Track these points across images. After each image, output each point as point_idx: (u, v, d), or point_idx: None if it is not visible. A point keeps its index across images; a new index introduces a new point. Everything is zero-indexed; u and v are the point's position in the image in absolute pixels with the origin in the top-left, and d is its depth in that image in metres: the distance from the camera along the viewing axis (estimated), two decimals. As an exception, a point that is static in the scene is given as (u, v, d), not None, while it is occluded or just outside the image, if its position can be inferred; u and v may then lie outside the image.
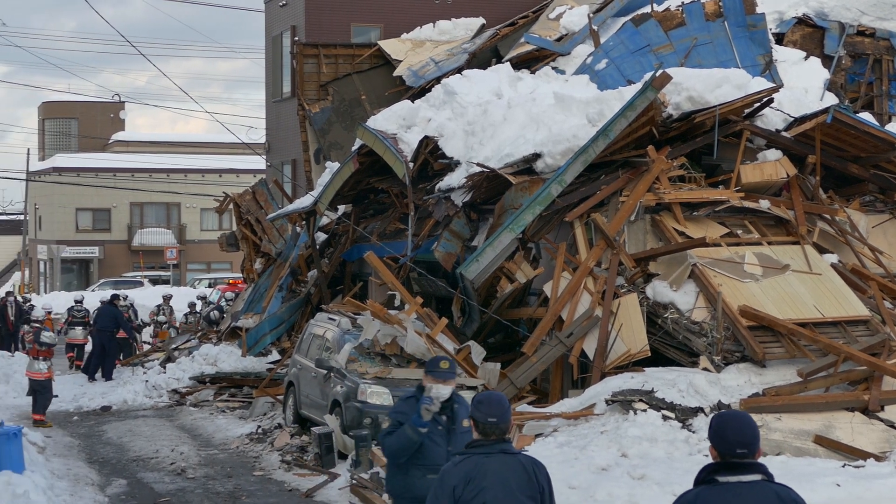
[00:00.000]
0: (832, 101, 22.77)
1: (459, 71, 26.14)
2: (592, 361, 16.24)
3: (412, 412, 8.92)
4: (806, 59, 24.79)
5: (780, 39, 25.55)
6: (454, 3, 33.37)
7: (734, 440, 5.74)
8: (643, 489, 12.18)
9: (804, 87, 23.26)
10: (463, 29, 32.17)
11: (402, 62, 30.63)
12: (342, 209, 25.96)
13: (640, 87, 18.44)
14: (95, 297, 38.38)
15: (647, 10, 26.01)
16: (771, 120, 19.67)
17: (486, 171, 19.31)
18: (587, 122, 19.06)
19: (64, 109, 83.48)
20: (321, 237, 26.83)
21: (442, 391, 8.92)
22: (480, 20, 32.29)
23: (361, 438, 15.24)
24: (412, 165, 21.59)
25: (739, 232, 18.19)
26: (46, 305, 33.39)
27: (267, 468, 17.18)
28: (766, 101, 19.47)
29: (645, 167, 18.25)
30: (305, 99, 30.94)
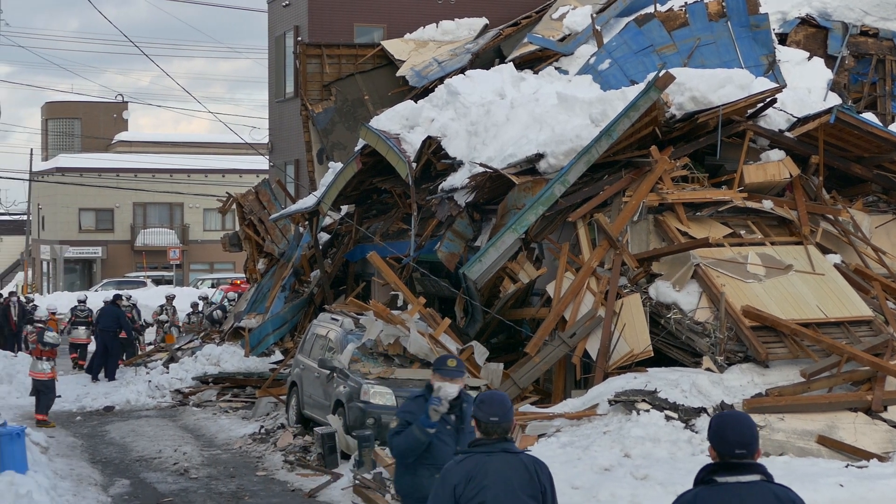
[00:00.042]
0: (835, 101, 22.75)
1: (462, 71, 26.14)
2: (595, 362, 16.22)
3: (420, 412, 8.89)
4: (809, 59, 24.77)
5: (783, 40, 25.52)
6: (457, 3, 33.35)
7: (733, 440, 5.74)
8: (646, 489, 12.18)
9: (807, 87, 23.24)
10: (466, 29, 32.16)
11: (405, 62, 30.63)
12: (345, 209, 25.96)
13: (643, 87, 18.43)
14: (99, 297, 38.36)
15: (650, 10, 25.98)
16: (774, 120, 19.66)
17: (489, 171, 19.31)
18: (590, 122, 19.06)
19: (67, 109, 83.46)
20: (324, 237, 26.83)
21: (450, 390, 8.89)
22: (483, 20, 32.28)
23: (364, 439, 15.24)
24: (415, 165, 21.59)
25: (742, 232, 18.18)
26: (51, 306, 33.39)
27: (270, 468, 17.18)
28: (769, 101, 19.46)
29: (648, 167, 18.24)
30: (308, 99, 30.95)
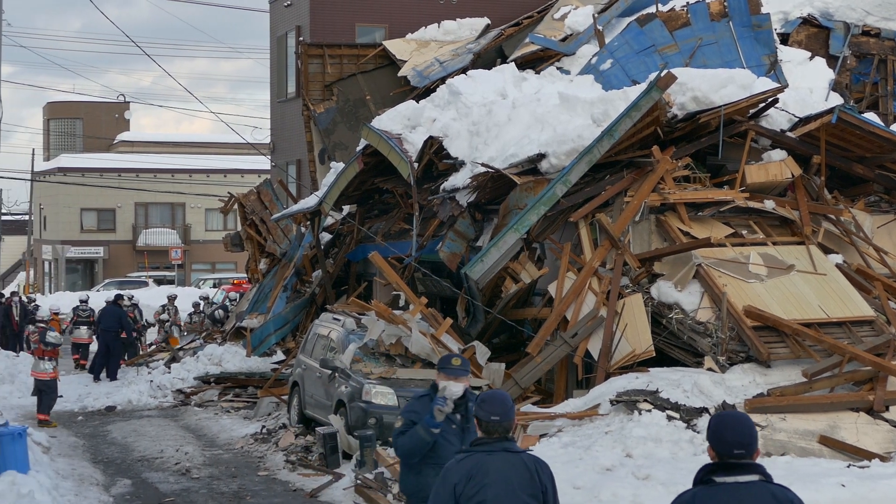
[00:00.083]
0: (837, 101, 22.73)
1: (464, 71, 26.14)
2: (597, 362, 16.22)
3: (425, 412, 8.86)
4: (811, 59, 24.75)
5: (784, 40, 25.51)
6: (459, 3, 33.34)
7: (732, 441, 5.75)
8: (648, 489, 12.18)
9: (809, 87, 23.22)
10: (468, 29, 32.16)
11: (406, 62, 30.63)
12: (347, 209, 25.97)
13: (644, 87, 18.42)
14: (100, 297, 38.37)
15: (652, 10, 25.99)
16: (776, 120, 19.66)
17: (490, 171, 19.31)
18: (592, 122, 19.05)
19: (69, 110, 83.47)
20: (326, 237, 26.84)
21: (454, 389, 8.87)
22: (485, 20, 32.27)
23: (366, 438, 15.24)
24: (417, 165, 21.59)
25: (744, 232, 18.17)
26: (54, 306, 33.42)
27: (271, 468, 17.18)
28: (770, 101, 19.45)
29: (650, 167, 18.23)
30: (310, 99, 30.95)
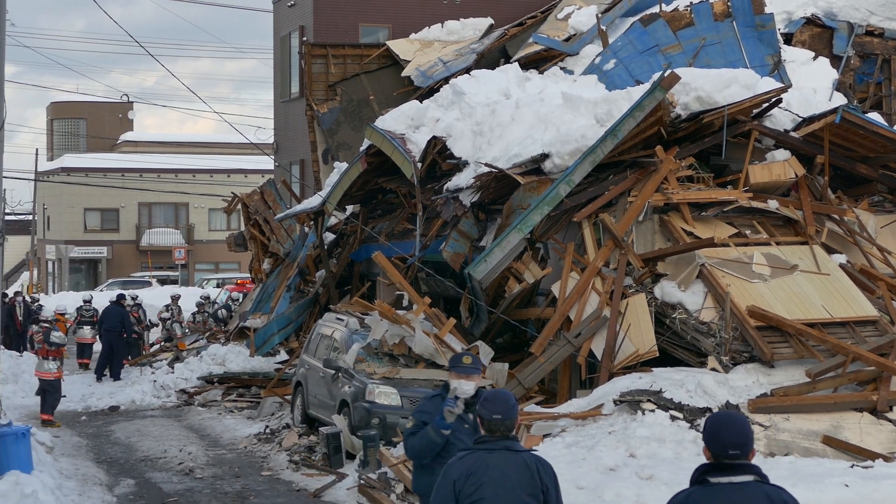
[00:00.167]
0: (841, 101, 22.71)
1: (468, 71, 26.13)
2: (600, 362, 16.22)
3: (437, 412, 8.86)
4: (814, 59, 24.73)
5: (788, 39, 25.49)
6: (462, 3, 33.35)
7: (727, 441, 5.78)
8: (651, 489, 12.17)
9: (813, 87, 23.20)
10: (471, 29, 32.16)
11: (410, 62, 30.63)
12: (350, 209, 25.97)
13: (648, 87, 18.42)
14: (104, 297, 38.38)
15: (655, 10, 25.98)
16: (779, 120, 19.65)
17: (494, 171, 19.31)
18: (595, 122, 19.05)
19: (72, 110, 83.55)
20: (329, 237, 26.85)
21: (466, 388, 8.85)
22: (489, 20, 32.28)
23: (369, 438, 15.25)
24: (420, 166, 21.59)
25: (748, 232, 18.16)
26: (59, 307, 33.38)
27: (275, 468, 17.18)
28: (774, 101, 19.45)
29: (653, 167, 18.23)
30: (314, 99, 30.95)
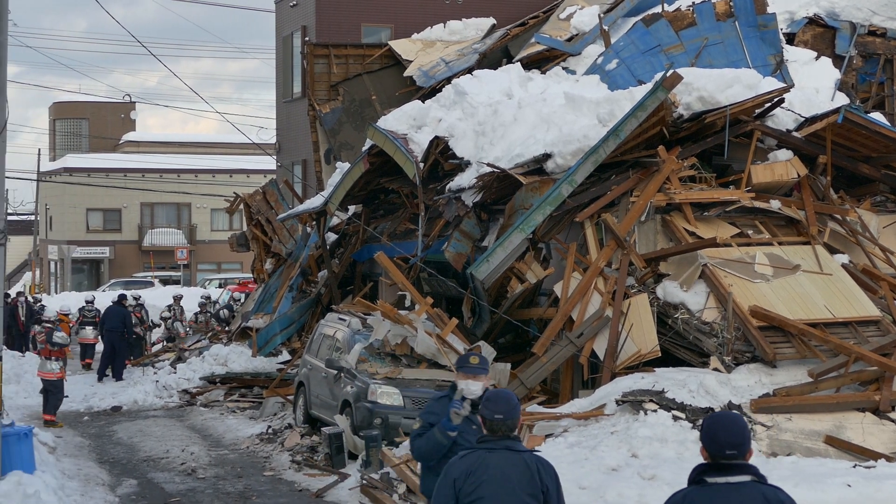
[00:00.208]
0: (843, 101, 22.69)
1: (470, 71, 26.11)
2: (603, 362, 16.21)
3: (444, 413, 8.85)
4: (817, 59, 24.71)
5: (790, 39, 25.47)
6: (465, 3, 33.35)
7: (724, 441, 5.79)
8: (653, 489, 12.16)
9: (815, 87, 23.19)
10: (473, 29, 32.15)
11: (412, 62, 30.62)
12: (352, 209, 25.97)
13: (650, 87, 18.41)
14: (106, 297, 38.41)
15: (657, 10, 25.95)
16: (782, 120, 19.64)
17: (496, 171, 19.30)
18: (598, 122, 19.04)
19: (74, 110, 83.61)
20: (331, 237, 26.85)
21: (473, 388, 8.82)
22: (491, 20, 32.26)
23: (372, 439, 15.25)
24: (422, 166, 21.59)
25: (750, 232, 18.15)
26: (63, 307, 33.43)
27: (277, 468, 17.19)
28: (776, 101, 19.44)
29: (655, 167, 18.22)
30: (316, 99, 30.94)
